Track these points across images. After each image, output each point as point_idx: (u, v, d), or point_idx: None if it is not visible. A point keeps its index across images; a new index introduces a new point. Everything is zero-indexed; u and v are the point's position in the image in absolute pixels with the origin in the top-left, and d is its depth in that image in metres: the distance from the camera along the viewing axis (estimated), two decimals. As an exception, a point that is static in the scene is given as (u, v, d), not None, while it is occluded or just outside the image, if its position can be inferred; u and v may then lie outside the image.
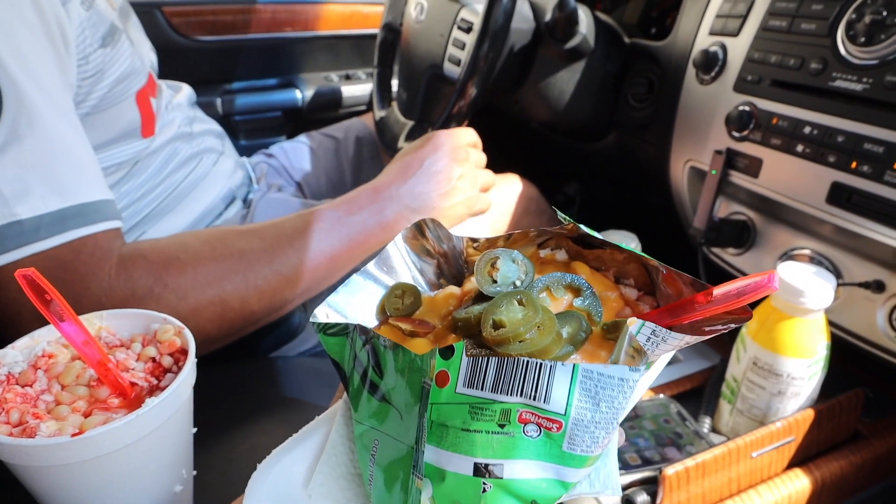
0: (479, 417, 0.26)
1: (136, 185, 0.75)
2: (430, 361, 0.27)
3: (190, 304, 0.59)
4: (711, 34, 0.78)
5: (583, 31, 0.89)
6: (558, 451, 0.26)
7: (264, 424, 0.58)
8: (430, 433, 0.27)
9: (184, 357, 0.40)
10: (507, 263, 0.33)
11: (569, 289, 0.32)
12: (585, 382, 0.25)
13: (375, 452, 0.30)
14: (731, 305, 0.27)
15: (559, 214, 0.33)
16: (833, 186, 0.63)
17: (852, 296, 0.65)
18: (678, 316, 0.28)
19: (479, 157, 0.80)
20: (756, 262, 0.76)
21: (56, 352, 0.39)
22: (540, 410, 0.25)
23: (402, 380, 0.28)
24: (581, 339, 0.29)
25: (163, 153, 0.78)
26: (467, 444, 0.26)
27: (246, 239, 0.66)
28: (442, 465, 0.26)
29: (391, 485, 0.29)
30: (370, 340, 0.30)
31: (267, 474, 0.31)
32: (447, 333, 0.32)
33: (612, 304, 0.32)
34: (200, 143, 0.87)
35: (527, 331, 0.28)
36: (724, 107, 0.74)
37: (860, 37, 0.59)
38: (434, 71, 1.02)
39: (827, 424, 0.65)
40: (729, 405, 0.69)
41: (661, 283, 0.32)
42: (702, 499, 0.61)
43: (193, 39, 1.32)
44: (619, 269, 0.35)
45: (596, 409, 0.25)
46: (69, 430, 0.33)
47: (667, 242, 0.92)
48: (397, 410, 0.29)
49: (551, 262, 0.35)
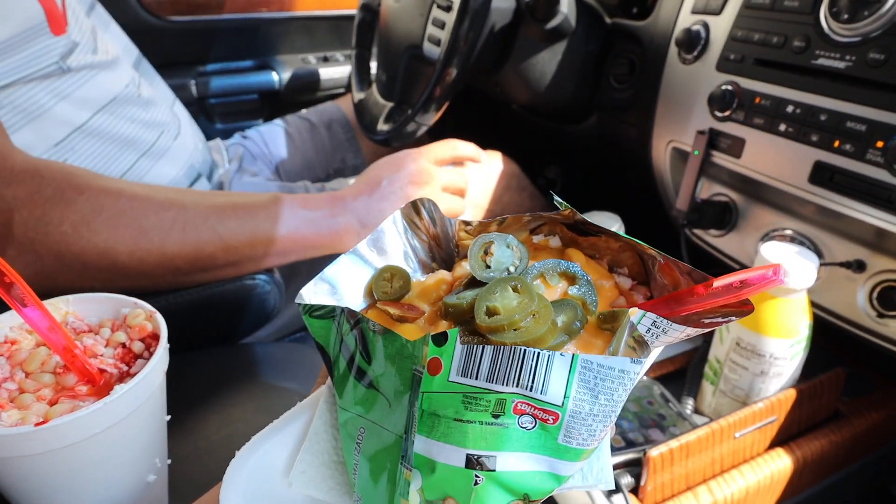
0: (473, 407, 0.25)
1: (92, 150, 0.72)
2: (422, 348, 0.26)
3: (97, 227, 0.58)
4: (694, 13, 0.77)
5: (564, 10, 0.88)
6: (553, 443, 0.25)
7: (241, 412, 0.56)
8: (421, 423, 0.26)
9: (155, 342, 0.38)
10: (502, 248, 0.32)
11: (564, 276, 0.31)
12: (584, 373, 0.24)
13: (361, 441, 0.29)
14: (733, 298, 0.25)
15: (556, 199, 0.32)
16: (815, 166, 0.63)
17: (833, 276, 0.66)
18: (676, 307, 0.27)
19: (449, 178, 0.79)
20: (738, 243, 0.76)
21: (19, 338, 0.37)
22: (536, 401, 0.24)
23: (392, 366, 0.27)
24: (576, 329, 0.28)
25: (111, 114, 0.75)
26: (459, 435, 0.25)
27: (189, 193, 0.64)
28: (432, 455, 0.25)
29: (377, 475, 0.28)
30: (358, 324, 0.29)
31: (245, 461, 0.30)
32: (437, 319, 0.31)
33: (606, 293, 0.31)
34: (154, 113, 0.84)
35: (522, 318, 0.27)
36: (706, 86, 0.74)
37: (843, 13, 0.59)
38: (413, 52, 1.01)
39: (808, 404, 0.65)
40: (712, 386, 0.70)
41: (656, 273, 0.31)
42: (685, 479, 0.61)
43: (166, 20, 1.28)
44: (614, 257, 0.34)
45: (594, 402, 0.24)
46: (33, 419, 0.32)
47: (649, 224, 0.92)
48: (385, 398, 0.28)
49: (545, 248, 0.34)
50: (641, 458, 0.59)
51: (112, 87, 0.76)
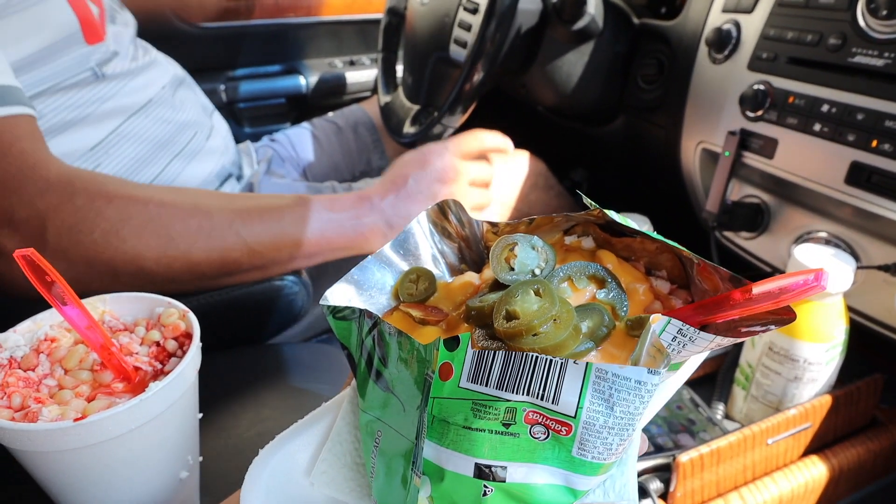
0: (483, 415, 0.24)
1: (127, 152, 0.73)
2: (433, 352, 0.25)
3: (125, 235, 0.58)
4: (724, 11, 0.76)
5: (591, 11, 0.87)
6: (567, 455, 0.24)
7: (271, 411, 0.57)
8: (431, 429, 0.25)
9: (188, 341, 0.39)
10: (526, 250, 0.31)
11: (592, 279, 0.30)
12: (599, 383, 0.23)
13: (379, 443, 0.29)
14: (773, 305, 0.24)
15: (584, 199, 0.31)
16: (852, 166, 0.61)
17: (871, 279, 0.64)
18: (712, 313, 0.26)
19: (478, 172, 0.79)
20: (770, 245, 0.74)
21: (59, 335, 0.38)
22: (548, 411, 0.23)
23: (406, 370, 0.27)
24: (602, 335, 0.27)
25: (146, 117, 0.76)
26: (468, 443, 0.24)
27: (215, 197, 0.65)
28: (441, 463, 0.25)
29: (392, 478, 0.28)
30: (376, 326, 0.28)
31: (268, 460, 0.30)
32: (460, 323, 0.30)
33: (639, 297, 0.30)
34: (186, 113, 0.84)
35: (541, 324, 0.26)
36: (737, 86, 0.72)
37: (882, 9, 0.58)
38: (440, 54, 1.01)
39: (844, 411, 0.64)
40: (743, 391, 0.68)
41: (696, 277, 0.29)
42: (716, 486, 0.60)
43: (196, 26, 1.31)
44: (651, 259, 0.32)
45: (610, 414, 0.23)
46: (72, 414, 0.33)
47: (677, 226, 0.90)
48: (400, 402, 0.27)
49: (576, 249, 0.33)
50: (671, 463, 0.58)
51: (148, 91, 0.77)
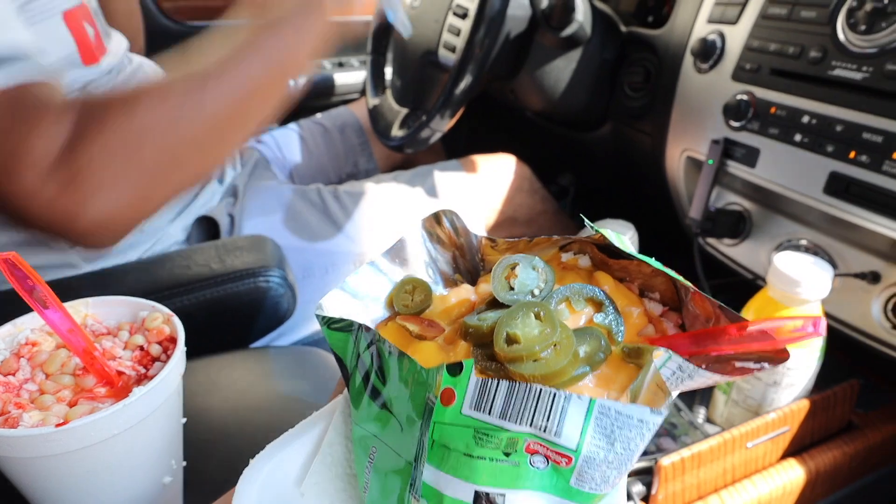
0: (484, 443, 0.24)
1: None
2: (435, 376, 0.25)
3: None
4: (710, 22, 0.77)
5: (579, 18, 0.88)
6: (565, 485, 0.24)
7: (256, 415, 0.57)
8: (431, 452, 0.25)
9: (172, 345, 0.39)
10: (527, 270, 0.31)
11: (590, 302, 0.30)
12: (601, 419, 0.23)
13: (373, 460, 0.29)
14: (768, 345, 0.24)
15: (586, 222, 0.31)
16: (831, 176, 0.62)
17: (847, 286, 0.65)
18: (705, 346, 0.26)
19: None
20: (752, 252, 0.76)
21: (40, 339, 0.38)
22: (549, 443, 0.24)
23: (406, 390, 0.27)
24: (599, 360, 0.27)
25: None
26: (468, 470, 0.24)
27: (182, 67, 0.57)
28: (440, 487, 0.25)
29: (386, 496, 0.28)
30: (374, 343, 0.28)
31: (260, 470, 0.30)
32: (456, 338, 0.30)
33: (634, 321, 0.30)
34: None
35: (542, 349, 0.26)
36: (721, 96, 0.73)
37: (861, 24, 0.59)
38: (429, 58, 1.01)
39: (821, 415, 0.65)
40: (724, 396, 0.69)
41: (689, 302, 0.30)
42: (697, 489, 0.60)
43: (184, 24, 1.30)
44: (645, 281, 0.32)
45: (610, 449, 0.23)
46: (53, 420, 0.33)
47: (661, 233, 0.92)
48: (398, 421, 0.27)
49: (573, 268, 0.33)
50: (653, 466, 0.59)
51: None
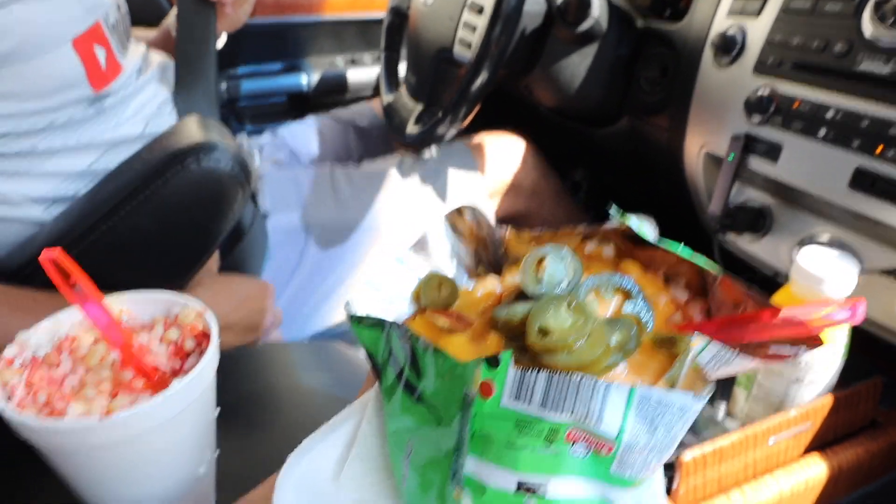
0: (526, 433, 0.24)
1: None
2: (474, 370, 0.25)
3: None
4: (730, 15, 0.76)
5: (595, 13, 0.88)
6: (605, 471, 0.24)
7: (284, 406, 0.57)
8: (472, 444, 0.25)
9: (206, 340, 0.39)
10: (556, 262, 0.31)
11: (619, 291, 0.30)
12: (642, 407, 0.23)
13: (410, 452, 0.29)
14: (802, 331, 0.24)
15: (613, 211, 0.31)
16: (856, 172, 0.62)
17: (872, 283, 0.65)
18: (737, 332, 0.26)
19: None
20: (773, 248, 0.75)
21: (79, 334, 0.38)
22: (590, 431, 0.24)
23: (443, 384, 0.27)
24: (631, 349, 0.27)
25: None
26: (511, 459, 0.24)
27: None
28: (482, 478, 0.25)
29: (426, 489, 0.28)
30: (408, 339, 0.28)
31: (297, 464, 0.30)
32: (486, 331, 0.30)
33: (661, 308, 0.30)
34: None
35: (575, 340, 0.26)
36: (742, 91, 0.73)
37: (889, 17, 0.58)
38: (444, 54, 1.01)
39: (844, 412, 0.65)
40: (745, 391, 0.69)
41: (716, 288, 0.30)
42: (718, 483, 0.60)
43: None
44: (671, 268, 0.32)
45: (651, 435, 0.23)
46: (97, 411, 0.33)
47: (679, 228, 0.91)
48: (434, 414, 0.28)
49: (598, 258, 0.33)
50: (674, 461, 0.59)
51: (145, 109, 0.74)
